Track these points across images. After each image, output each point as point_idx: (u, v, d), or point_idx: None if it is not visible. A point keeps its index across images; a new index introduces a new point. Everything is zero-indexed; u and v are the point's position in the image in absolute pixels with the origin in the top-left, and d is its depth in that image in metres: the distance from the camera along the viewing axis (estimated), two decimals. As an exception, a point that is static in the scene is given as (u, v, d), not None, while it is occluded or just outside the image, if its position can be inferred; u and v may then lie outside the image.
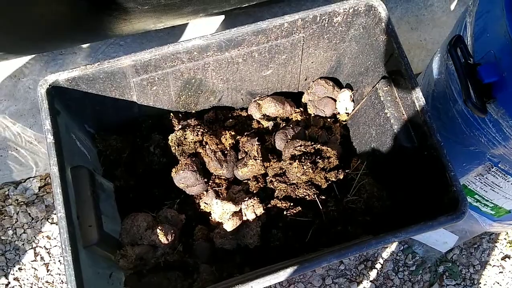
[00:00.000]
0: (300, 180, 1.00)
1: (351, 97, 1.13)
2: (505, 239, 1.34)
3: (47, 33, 1.19)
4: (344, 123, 1.17)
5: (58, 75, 0.87)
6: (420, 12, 1.53)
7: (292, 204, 0.99)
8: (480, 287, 1.32)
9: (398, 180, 1.01)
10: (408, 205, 0.98)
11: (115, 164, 1.07)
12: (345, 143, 1.16)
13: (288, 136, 1.07)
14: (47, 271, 1.28)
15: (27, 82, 1.37)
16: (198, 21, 1.48)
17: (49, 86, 0.86)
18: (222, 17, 1.50)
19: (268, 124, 1.13)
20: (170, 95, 1.04)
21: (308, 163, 0.99)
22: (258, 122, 1.15)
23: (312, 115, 1.18)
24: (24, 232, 1.29)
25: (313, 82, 1.19)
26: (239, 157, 1.07)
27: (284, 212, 0.98)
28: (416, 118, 0.91)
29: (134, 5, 1.08)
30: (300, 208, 0.97)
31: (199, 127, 1.05)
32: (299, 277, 1.32)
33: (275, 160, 1.04)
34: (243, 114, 1.17)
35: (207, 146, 1.05)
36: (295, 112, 1.16)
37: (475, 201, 1.08)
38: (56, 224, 1.34)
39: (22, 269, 1.28)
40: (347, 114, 1.16)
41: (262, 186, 1.04)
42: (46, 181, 1.39)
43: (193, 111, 1.14)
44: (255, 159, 1.02)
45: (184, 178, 1.01)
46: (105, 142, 1.06)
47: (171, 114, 1.09)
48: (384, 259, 1.35)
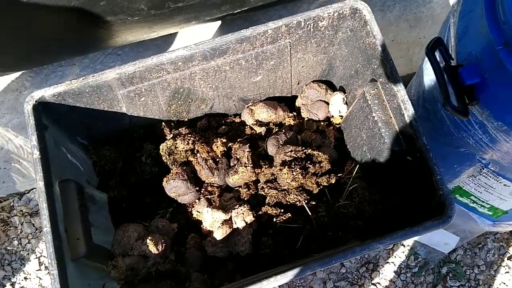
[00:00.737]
0: (291, 186, 1.00)
1: (343, 100, 1.13)
2: (510, 239, 1.31)
3: (45, 47, 1.21)
4: (338, 126, 1.17)
5: (44, 91, 0.88)
6: (419, 9, 1.51)
7: (282, 210, 0.98)
8: None
9: (390, 183, 0.99)
10: (400, 209, 0.97)
11: (110, 174, 1.09)
12: (339, 146, 1.16)
13: (280, 141, 1.07)
14: (53, 280, 1.31)
15: (28, 95, 1.39)
16: (195, 27, 1.49)
17: (35, 102, 0.88)
18: (219, 22, 1.50)
19: (260, 129, 1.13)
20: (159, 105, 1.05)
21: (297, 169, 0.98)
22: (251, 128, 1.15)
23: (306, 119, 1.17)
24: (28, 242, 1.32)
25: (306, 85, 1.18)
26: (231, 164, 1.07)
27: (275, 219, 0.98)
28: (403, 121, 0.90)
29: (124, 16, 1.09)
30: (290, 215, 0.97)
31: (190, 135, 1.06)
32: (299, 281, 1.31)
33: (267, 166, 1.04)
34: (237, 120, 1.17)
35: (198, 154, 1.05)
36: (288, 117, 1.15)
37: (472, 202, 1.06)
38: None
39: (27, 278, 1.31)
40: (341, 117, 1.15)
41: (253, 193, 1.04)
42: (50, 191, 1.42)
43: (185, 119, 1.14)
44: (246, 166, 1.02)
45: (175, 187, 1.02)
46: (98, 153, 1.07)
47: (163, 123, 1.10)
48: (386, 261, 1.34)
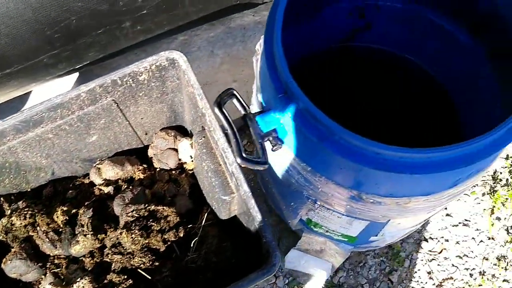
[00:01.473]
0: (135, 248, 0.96)
1: (191, 145, 1.10)
2: (389, 253, 1.33)
3: None
4: (191, 171, 1.14)
5: None
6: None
7: (126, 277, 0.94)
8: (374, 304, 1.30)
9: (236, 229, 0.98)
10: (244, 255, 0.95)
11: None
12: (197, 192, 1.13)
13: (126, 200, 1.03)
14: None
15: None
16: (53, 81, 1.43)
17: None
18: (76, 74, 1.46)
19: (108, 189, 1.09)
20: (-12, 182, 0.99)
21: (136, 231, 0.95)
22: (100, 189, 1.10)
23: (158, 169, 1.14)
24: None
25: (154, 135, 1.15)
26: (76, 231, 1.02)
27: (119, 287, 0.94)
28: (227, 169, 0.88)
29: None
30: (131, 281, 0.93)
31: (27, 209, 1.01)
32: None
33: (112, 230, 1.00)
34: (86, 181, 1.13)
35: (38, 228, 1.00)
36: (138, 170, 1.12)
37: (325, 231, 1.06)
38: None
39: None
40: (194, 162, 1.13)
41: (98, 260, 0.99)
42: None
43: (28, 189, 1.09)
44: (85, 235, 0.98)
45: (14, 268, 0.96)
46: None
47: (1, 199, 1.04)
48: (271, 295, 1.32)
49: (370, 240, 1.07)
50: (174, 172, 1.13)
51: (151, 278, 0.93)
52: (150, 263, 0.95)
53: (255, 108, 0.90)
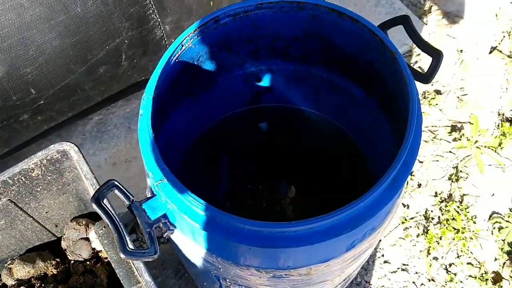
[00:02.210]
0: None
1: (103, 232, 1.06)
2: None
3: None
4: (107, 260, 1.09)
5: None
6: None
7: None
8: None
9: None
10: None
11: None
12: (116, 280, 1.08)
13: (36, 301, 0.97)
14: None
15: None
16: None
17: None
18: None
19: (19, 291, 1.03)
20: None
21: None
22: (10, 291, 1.04)
23: (72, 261, 1.09)
24: None
25: (66, 225, 1.10)
26: None
27: None
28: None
29: None
30: None
31: None
32: None
33: (21, 338, 0.93)
34: (-3, 285, 1.06)
35: None
36: (51, 266, 1.06)
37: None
38: None
39: None
40: (110, 248, 1.08)
41: None
42: None
43: None
44: None
45: None
46: None
47: None
48: None
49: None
50: (89, 262, 1.08)
51: None
52: None
53: (149, 192, 0.87)
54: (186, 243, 0.79)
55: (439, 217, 1.41)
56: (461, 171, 1.47)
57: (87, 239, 1.09)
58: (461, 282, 1.32)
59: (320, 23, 0.85)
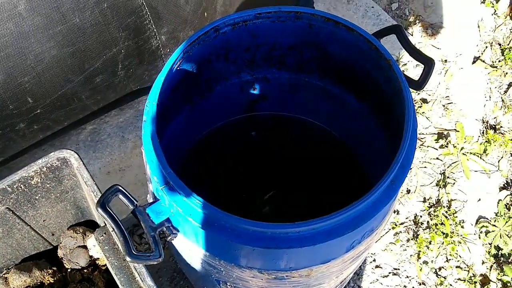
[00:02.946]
0: None
1: (101, 240, 1.06)
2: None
3: None
4: (104, 267, 1.09)
5: None
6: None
7: None
8: None
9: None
10: None
11: None
12: (113, 286, 1.08)
13: (34, 310, 0.97)
14: None
15: None
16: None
17: None
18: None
19: (16, 300, 1.02)
20: None
21: None
22: (7, 301, 1.03)
23: (69, 270, 1.09)
24: None
25: (62, 234, 1.11)
26: None
27: None
28: (132, 264, 0.85)
29: None
30: None
31: None
32: None
33: None
34: (-8, 295, 1.06)
35: None
36: (48, 274, 1.06)
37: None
38: None
39: None
40: (107, 256, 1.09)
41: None
42: None
43: None
44: None
45: None
46: None
47: None
48: None
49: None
50: (86, 270, 1.08)
51: None
52: None
53: (151, 198, 0.89)
54: (189, 247, 0.80)
55: (428, 222, 1.44)
56: (448, 177, 1.51)
57: (85, 247, 1.09)
58: (450, 285, 1.35)
59: (316, 32, 0.88)
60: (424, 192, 1.49)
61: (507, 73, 1.73)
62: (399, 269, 1.36)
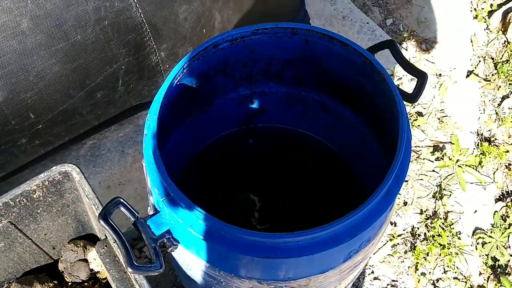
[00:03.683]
0: None
1: (101, 253, 1.07)
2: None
3: None
4: (105, 280, 1.10)
5: None
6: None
7: None
8: None
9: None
10: None
11: None
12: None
13: (35, 324, 0.97)
14: None
15: None
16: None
17: None
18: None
19: (16, 314, 1.03)
20: None
21: None
22: (7, 315, 1.04)
23: (70, 283, 1.10)
24: None
25: (63, 248, 1.12)
26: None
27: None
28: (132, 276, 0.86)
29: None
30: None
31: None
32: None
33: None
34: (-7, 309, 1.06)
35: None
36: (49, 288, 1.07)
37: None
38: None
39: None
40: (107, 269, 1.10)
41: None
42: None
43: None
44: None
45: None
46: None
47: None
48: None
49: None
50: (87, 284, 1.09)
51: None
52: None
53: (151, 210, 0.90)
54: (189, 258, 0.82)
55: (425, 233, 1.45)
56: (444, 189, 1.53)
57: (85, 261, 1.10)
58: (449, 296, 1.36)
59: (312, 47, 0.90)
60: (421, 204, 1.50)
61: (500, 86, 1.76)
62: (397, 280, 1.37)
